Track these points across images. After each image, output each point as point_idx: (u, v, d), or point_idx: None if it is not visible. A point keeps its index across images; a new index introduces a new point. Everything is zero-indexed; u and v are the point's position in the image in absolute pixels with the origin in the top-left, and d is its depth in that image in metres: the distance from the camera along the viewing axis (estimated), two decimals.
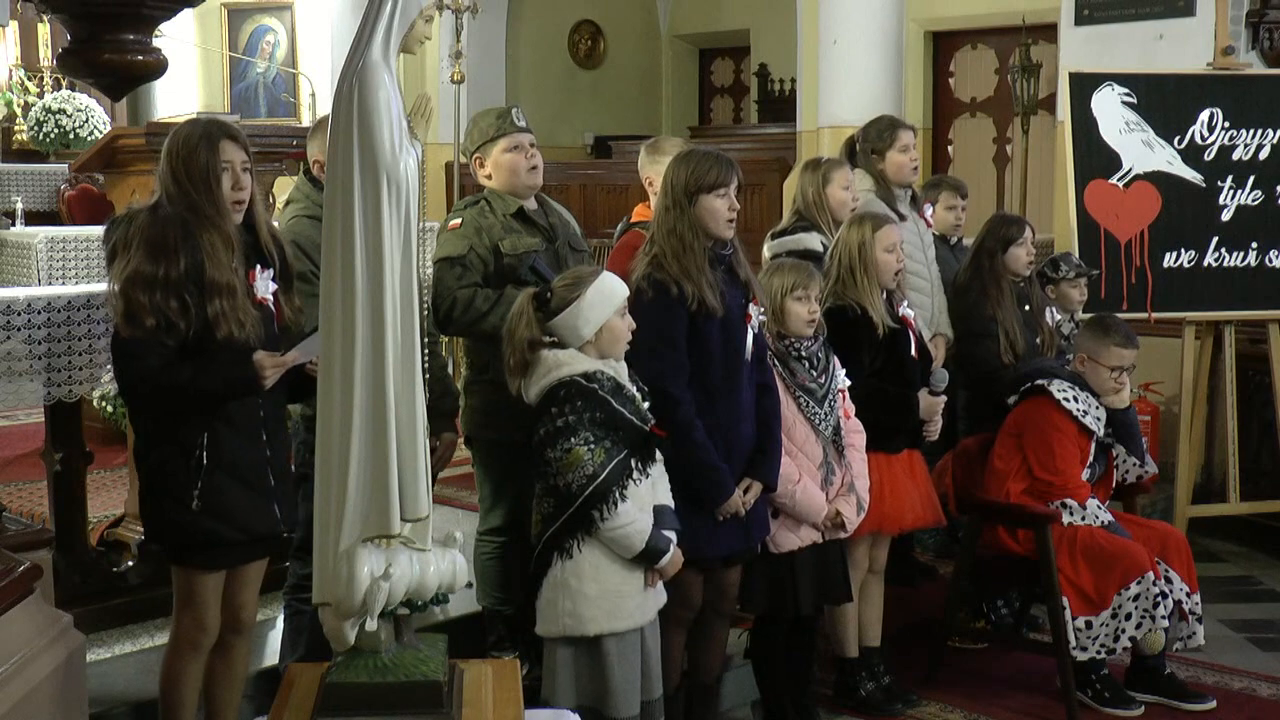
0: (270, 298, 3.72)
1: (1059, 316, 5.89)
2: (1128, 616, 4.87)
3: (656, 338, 4.02)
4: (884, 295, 4.84)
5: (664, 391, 4.00)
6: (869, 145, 5.77)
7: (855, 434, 4.66)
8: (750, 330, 4.21)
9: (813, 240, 5.32)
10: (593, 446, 3.73)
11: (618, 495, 3.75)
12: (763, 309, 4.31)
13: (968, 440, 5.46)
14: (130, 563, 4.90)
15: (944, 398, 4.94)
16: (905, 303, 4.96)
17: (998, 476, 5.20)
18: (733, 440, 4.17)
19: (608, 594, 3.80)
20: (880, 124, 5.85)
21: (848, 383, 4.63)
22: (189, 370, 3.53)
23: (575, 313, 3.79)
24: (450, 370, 6.20)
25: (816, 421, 4.48)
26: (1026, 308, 5.68)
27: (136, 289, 3.51)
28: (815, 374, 4.51)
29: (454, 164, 10.14)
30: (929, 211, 5.92)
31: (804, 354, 4.51)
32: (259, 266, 3.69)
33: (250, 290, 3.65)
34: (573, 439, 3.73)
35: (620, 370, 3.86)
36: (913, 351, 4.90)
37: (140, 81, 5.93)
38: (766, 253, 5.35)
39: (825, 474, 4.50)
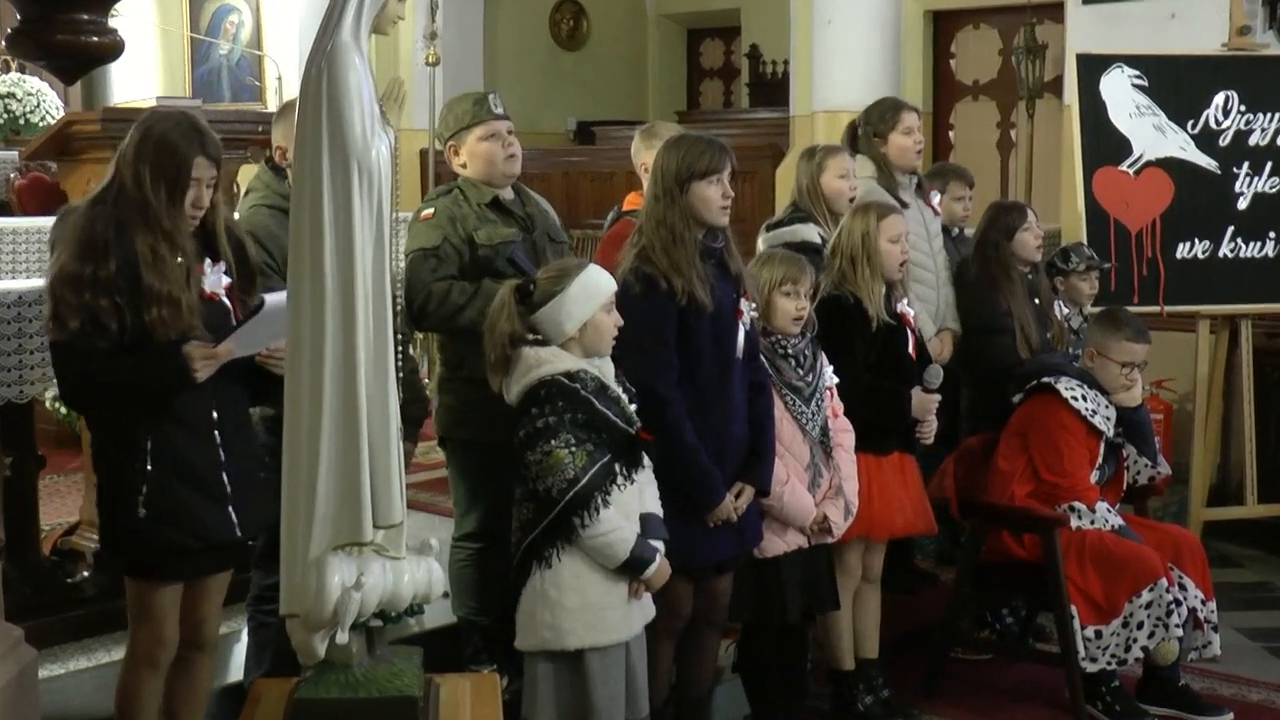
0: (221, 292, 3.69)
1: (1067, 310, 5.90)
2: (1139, 625, 4.88)
3: (644, 334, 4.01)
4: (884, 289, 4.85)
5: (652, 391, 4.00)
6: (870, 128, 5.79)
7: (843, 434, 4.67)
8: (742, 327, 4.22)
9: (809, 232, 5.33)
10: (574, 449, 3.72)
11: (600, 501, 3.74)
12: (754, 304, 4.31)
13: (970, 440, 5.46)
14: (86, 573, 4.88)
15: (937, 396, 4.93)
16: (906, 299, 4.96)
17: (1002, 478, 5.20)
18: (724, 442, 4.17)
19: (589, 606, 3.78)
20: (883, 105, 5.88)
21: (835, 380, 4.64)
22: (120, 367, 3.50)
23: (558, 306, 3.79)
24: (425, 368, 6.20)
25: (804, 421, 4.49)
26: (1036, 301, 5.69)
27: (64, 288, 3.48)
28: (802, 372, 4.52)
29: (429, 151, 10.12)
30: (936, 199, 5.91)
31: (790, 352, 4.51)
32: (208, 261, 3.67)
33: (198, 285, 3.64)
34: (553, 441, 3.72)
35: (605, 370, 3.85)
36: (910, 349, 4.91)
37: (95, 64, 5.92)
38: (761, 245, 5.35)
39: (813, 476, 4.50)
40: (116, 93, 13.05)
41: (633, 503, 3.84)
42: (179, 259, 3.56)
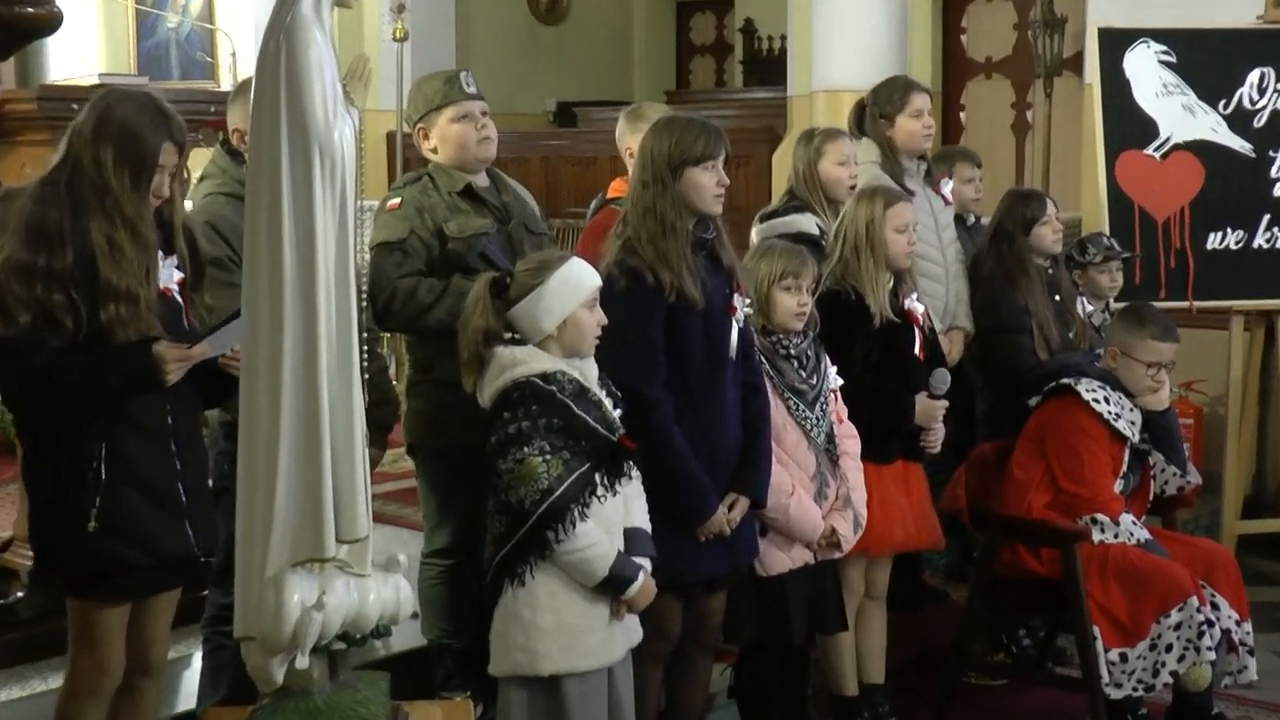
0: (174, 287, 3.69)
1: (1090, 307, 5.92)
2: (1168, 648, 4.89)
3: (629, 332, 4.02)
4: (890, 283, 4.86)
5: (638, 393, 4.01)
6: (878, 109, 5.82)
7: (849, 440, 4.68)
8: (735, 324, 4.23)
9: (806, 223, 5.36)
10: (549, 457, 3.72)
11: (577, 513, 3.73)
12: (749, 300, 4.33)
13: (984, 446, 5.47)
14: (20, 593, 4.87)
15: (945, 402, 4.94)
16: (914, 294, 4.98)
17: (1018, 487, 5.21)
18: (716, 449, 4.19)
19: (566, 627, 3.78)
20: (893, 85, 5.92)
21: (839, 382, 4.66)
22: (78, 365, 3.48)
23: (536, 302, 3.79)
24: (392, 370, 6.21)
25: (808, 427, 4.51)
26: (1056, 297, 5.71)
27: (12, 279, 3.46)
28: (805, 374, 4.54)
29: (397, 134, 10.12)
30: (947, 187, 5.93)
31: (793, 352, 4.53)
32: (161, 253, 3.67)
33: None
34: (526, 448, 3.71)
35: (587, 371, 3.86)
36: (916, 350, 4.92)
37: (30, 38, 5.88)
38: (754, 236, 5.38)
39: (819, 485, 4.53)
40: (54, 70, 12.99)
41: (615, 516, 3.84)
42: (138, 251, 3.55)
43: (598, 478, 3.80)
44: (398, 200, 4.56)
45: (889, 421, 4.89)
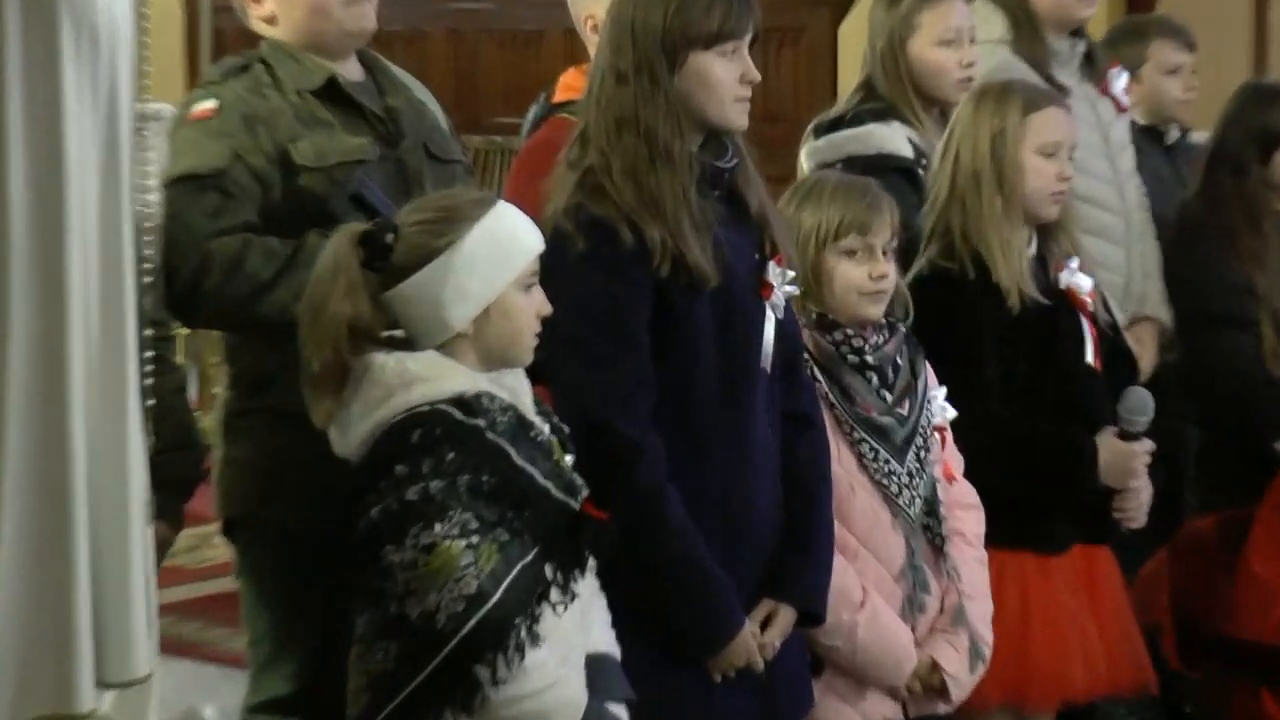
0: None
1: None
2: None
3: (591, 327, 4.04)
4: (1033, 243, 4.85)
5: (607, 430, 4.00)
6: None
7: (966, 511, 4.70)
8: (770, 313, 4.22)
9: (893, 137, 5.38)
10: (476, 540, 3.67)
11: (525, 634, 3.70)
12: (792, 273, 4.31)
13: (1199, 521, 5.47)
14: None
15: (1148, 444, 4.93)
16: (1075, 262, 4.96)
17: (1260, 592, 5.21)
18: (740, 524, 4.20)
19: None
20: None
21: (951, 414, 4.65)
22: None
23: (439, 277, 3.76)
24: (196, 389, 6.20)
25: (894, 489, 4.51)
26: None
27: None
28: (890, 397, 4.53)
29: None
30: (1120, 83, 5.93)
31: (868, 358, 4.53)
32: None
33: None
34: (439, 525, 3.66)
35: (520, 393, 3.84)
36: (1089, 356, 4.92)
37: None
38: (804, 161, 5.37)
39: (911, 589, 4.53)
40: None
41: (575, 636, 3.83)
42: None
43: (549, 572, 3.76)
44: (212, 104, 4.56)
45: (1053, 481, 4.88)
